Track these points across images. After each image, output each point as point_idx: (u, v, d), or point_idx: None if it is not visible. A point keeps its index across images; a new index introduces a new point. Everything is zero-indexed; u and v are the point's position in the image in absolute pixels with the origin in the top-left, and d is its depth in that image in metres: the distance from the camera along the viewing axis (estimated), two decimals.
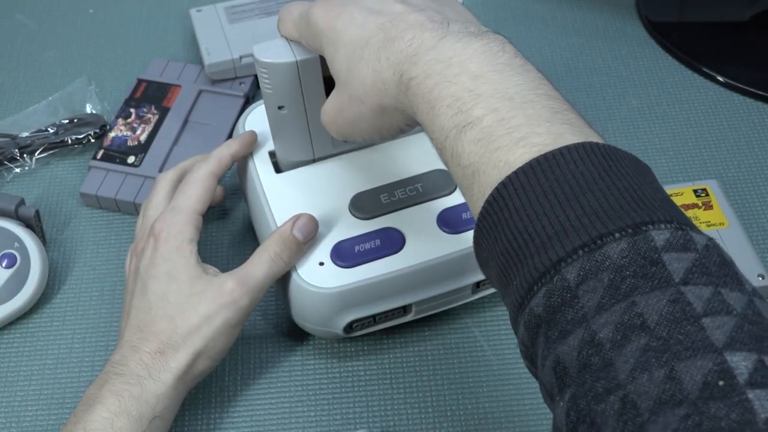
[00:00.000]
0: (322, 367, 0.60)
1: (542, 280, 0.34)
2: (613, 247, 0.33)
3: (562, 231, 0.34)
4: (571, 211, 0.34)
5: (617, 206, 0.34)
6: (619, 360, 0.32)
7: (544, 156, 0.36)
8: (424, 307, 0.57)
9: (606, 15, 0.82)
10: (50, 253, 0.66)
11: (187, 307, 0.53)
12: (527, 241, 0.35)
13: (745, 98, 0.75)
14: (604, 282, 0.33)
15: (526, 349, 0.37)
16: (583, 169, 0.35)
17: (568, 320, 0.34)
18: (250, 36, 0.75)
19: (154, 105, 0.73)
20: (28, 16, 0.84)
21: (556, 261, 0.34)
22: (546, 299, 0.34)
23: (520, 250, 0.36)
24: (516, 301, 0.36)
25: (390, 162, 0.59)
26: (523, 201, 0.36)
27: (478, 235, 0.39)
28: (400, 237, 0.56)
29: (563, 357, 0.34)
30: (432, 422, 0.57)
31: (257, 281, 0.54)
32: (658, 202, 0.35)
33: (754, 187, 0.69)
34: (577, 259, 0.34)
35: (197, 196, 0.56)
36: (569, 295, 0.34)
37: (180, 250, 0.54)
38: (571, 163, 0.35)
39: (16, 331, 0.62)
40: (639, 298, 0.32)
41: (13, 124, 0.73)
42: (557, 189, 0.35)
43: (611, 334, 0.32)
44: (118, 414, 0.50)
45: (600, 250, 0.33)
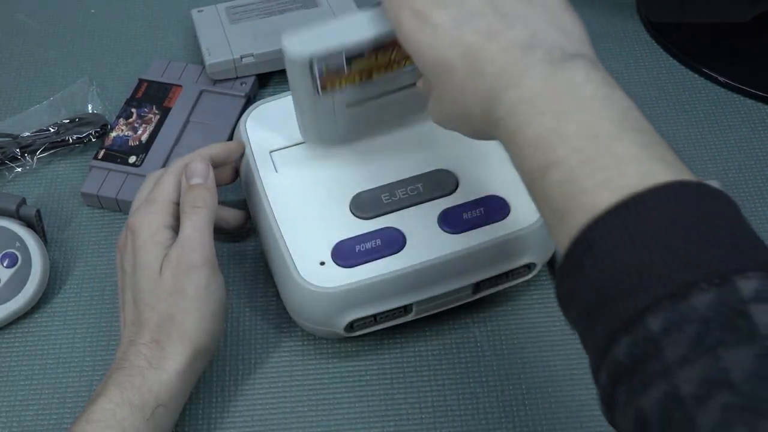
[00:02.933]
0: (322, 367, 0.60)
1: (626, 328, 0.33)
2: (700, 298, 0.32)
3: (647, 278, 0.33)
4: (658, 258, 0.33)
5: (705, 253, 0.33)
6: (701, 417, 0.31)
7: (632, 198, 0.35)
8: (425, 307, 0.57)
9: (606, 15, 0.82)
10: (51, 252, 0.66)
11: (159, 291, 0.53)
12: (611, 287, 0.34)
13: (746, 99, 0.75)
14: (689, 334, 0.32)
15: (606, 396, 0.36)
16: (672, 212, 0.34)
17: (651, 372, 0.33)
18: (251, 36, 0.75)
19: (155, 105, 0.73)
20: (30, 16, 0.84)
21: (641, 309, 0.33)
22: (629, 348, 0.33)
23: (604, 295, 0.35)
24: (599, 347, 0.35)
25: (391, 162, 0.59)
26: (608, 245, 0.35)
27: (561, 276, 0.38)
28: (401, 237, 0.56)
29: (645, 409, 0.33)
30: (432, 422, 0.57)
31: (191, 237, 0.54)
32: (749, 247, 0.34)
33: (754, 187, 0.69)
34: (662, 309, 0.33)
35: (172, 186, 0.57)
36: (653, 346, 0.33)
37: (154, 237, 0.54)
38: (659, 206, 0.34)
39: (17, 331, 0.62)
40: (724, 352, 0.31)
41: (15, 124, 0.73)
42: (643, 233, 0.34)
43: (694, 390, 0.31)
44: (120, 404, 0.50)
45: (686, 300, 0.32)
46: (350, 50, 0.50)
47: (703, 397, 0.31)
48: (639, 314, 0.33)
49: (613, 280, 0.34)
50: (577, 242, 0.36)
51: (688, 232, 0.34)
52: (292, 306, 0.57)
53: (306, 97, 0.54)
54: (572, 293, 0.37)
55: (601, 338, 0.35)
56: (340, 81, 0.53)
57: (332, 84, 0.53)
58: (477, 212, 0.56)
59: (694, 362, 0.32)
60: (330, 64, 0.50)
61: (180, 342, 0.52)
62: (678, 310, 0.32)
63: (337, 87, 0.53)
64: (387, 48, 0.51)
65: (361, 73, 0.53)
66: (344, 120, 0.57)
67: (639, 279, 0.34)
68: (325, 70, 0.51)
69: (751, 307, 0.32)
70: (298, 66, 0.50)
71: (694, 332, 0.32)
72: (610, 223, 0.35)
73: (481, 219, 0.56)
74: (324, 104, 0.55)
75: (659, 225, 0.34)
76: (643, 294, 0.33)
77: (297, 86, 0.53)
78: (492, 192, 0.57)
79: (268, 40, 0.75)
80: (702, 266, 0.33)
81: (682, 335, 0.32)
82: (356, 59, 0.51)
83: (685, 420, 0.31)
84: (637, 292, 0.33)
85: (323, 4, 0.78)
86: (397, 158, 0.59)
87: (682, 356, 0.32)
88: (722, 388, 0.31)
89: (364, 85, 0.54)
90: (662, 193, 0.35)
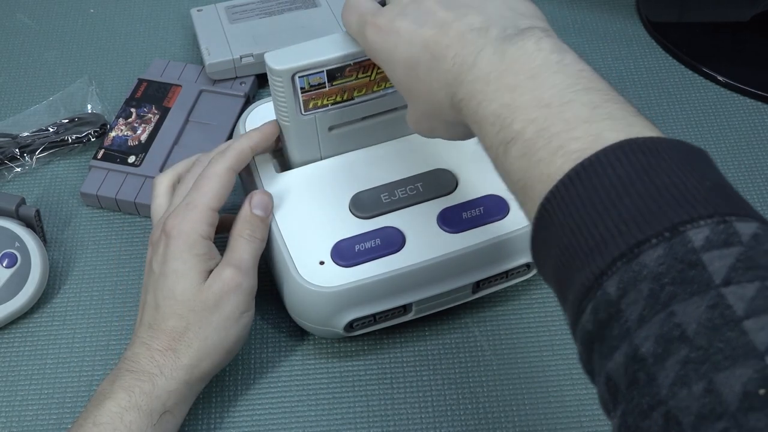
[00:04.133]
0: (322, 367, 0.60)
1: (588, 295, 0.33)
2: (650, 254, 0.32)
3: (602, 242, 0.33)
4: (609, 220, 0.33)
5: (655, 208, 0.33)
6: (661, 374, 0.31)
7: (581, 164, 0.35)
8: (424, 306, 0.57)
9: (606, 15, 0.82)
10: (51, 252, 0.66)
11: (196, 303, 0.53)
12: (573, 257, 0.34)
13: (745, 98, 0.75)
14: (643, 293, 0.32)
15: (585, 365, 0.36)
16: (621, 171, 0.34)
17: (614, 335, 0.33)
18: (250, 36, 0.75)
19: (154, 105, 0.73)
20: (29, 16, 0.84)
21: (597, 274, 0.33)
22: (593, 315, 0.33)
23: (568, 265, 0.35)
24: (571, 318, 0.35)
25: (390, 161, 0.59)
26: (565, 214, 0.35)
27: (534, 253, 0.38)
28: (401, 236, 0.56)
29: (613, 373, 0.33)
30: (432, 422, 0.57)
31: (247, 262, 0.55)
32: (701, 195, 0.33)
33: (754, 187, 0.69)
34: (616, 271, 0.32)
35: (213, 192, 0.55)
36: (613, 309, 0.33)
37: (192, 248, 0.53)
38: (608, 167, 0.34)
39: (16, 331, 0.62)
40: (677, 306, 0.31)
41: (14, 124, 0.73)
42: (595, 198, 0.34)
43: (652, 348, 0.31)
44: (128, 408, 0.50)
45: (637, 259, 0.32)
46: (331, 66, 0.53)
47: (661, 355, 0.31)
48: (597, 279, 0.33)
49: (573, 249, 0.34)
50: (539, 216, 0.36)
51: (637, 190, 0.33)
52: (292, 305, 0.57)
53: (290, 117, 0.56)
54: (545, 269, 0.37)
55: (571, 308, 0.35)
56: (322, 99, 0.55)
57: (315, 103, 0.55)
58: (476, 211, 0.56)
59: (650, 320, 0.31)
60: (312, 80, 0.53)
61: (198, 356, 0.52)
62: (631, 269, 0.32)
63: (319, 106, 0.56)
64: (367, 67, 0.54)
65: (342, 92, 0.55)
66: (327, 143, 0.59)
67: (594, 244, 0.33)
68: (307, 85, 0.54)
69: (703, 256, 0.31)
70: (281, 80, 0.53)
71: (647, 290, 0.31)
72: (564, 191, 0.35)
73: (480, 218, 0.56)
74: (307, 125, 0.57)
75: (610, 187, 0.34)
76: (599, 258, 0.33)
77: (281, 105, 0.55)
78: (491, 191, 0.57)
79: (268, 40, 0.75)
80: (652, 222, 0.32)
81: (637, 294, 0.32)
82: (337, 77, 0.54)
83: (648, 379, 0.31)
84: (594, 256, 0.33)
85: (323, 4, 0.78)
86: (396, 158, 0.59)
87: (639, 316, 0.32)
88: (679, 343, 0.30)
89: (345, 107, 0.56)
90: (610, 153, 0.34)
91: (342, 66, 0.54)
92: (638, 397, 0.31)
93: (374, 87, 0.56)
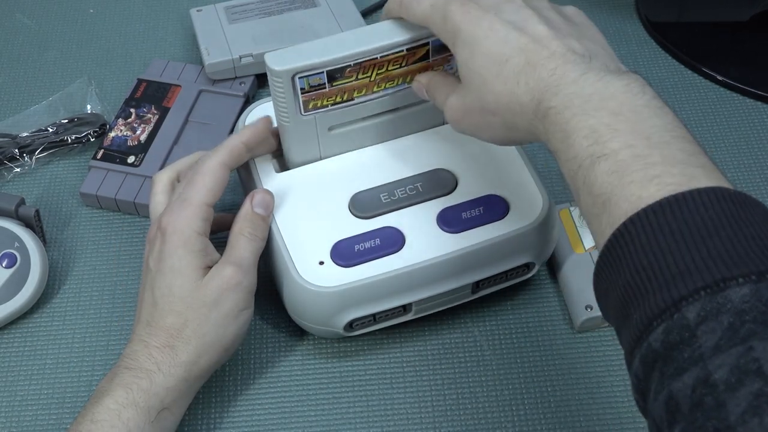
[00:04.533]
0: (322, 367, 0.60)
1: (662, 316, 0.35)
2: (736, 292, 0.34)
3: (686, 270, 0.35)
4: (696, 253, 0.35)
5: (743, 252, 0.35)
6: (731, 402, 0.32)
7: (676, 196, 0.37)
8: (424, 306, 0.57)
9: (606, 15, 0.82)
10: (50, 252, 0.66)
11: (194, 300, 0.53)
12: (650, 278, 0.36)
13: (745, 98, 0.75)
14: (723, 324, 0.34)
15: (639, 383, 0.38)
16: (712, 213, 0.36)
17: (684, 358, 0.34)
18: (250, 36, 0.75)
19: (154, 105, 0.73)
20: (29, 16, 0.84)
21: (677, 299, 0.35)
22: (665, 335, 0.35)
23: (642, 285, 0.37)
24: (634, 335, 0.37)
25: (390, 161, 0.59)
26: (650, 237, 0.37)
27: (601, 265, 0.40)
28: (400, 236, 0.56)
29: (676, 393, 0.34)
30: (432, 422, 0.57)
31: (248, 260, 0.55)
32: None
33: (754, 187, 0.69)
34: (698, 299, 0.34)
35: (207, 188, 0.55)
36: (688, 333, 0.34)
37: (187, 244, 0.54)
38: (701, 206, 0.36)
39: (16, 331, 0.62)
40: (757, 343, 0.33)
41: (14, 125, 0.73)
42: (685, 229, 0.36)
43: (726, 376, 0.33)
44: (125, 405, 0.50)
45: (722, 293, 0.34)
46: (331, 66, 0.53)
47: (734, 384, 0.32)
48: (676, 303, 0.35)
49: (652, 271, 0.36)
50: (619, 233, 0.38)
51: (727, 233, 0.36)
52: (292, 305, 0.57)
53: (289, 118, 0.56)
54: (611, 282, 0.39)
55: (637, 325, 0.37)
56: (322, 100, 0.55)
57: (314, 103, 0.55)
58: (476, 211, 0.56)
59: (727, 351, 0.33)
60: (312, 80, 0.53)
61: (196, 352, 0.52)
62: (715, 301, 0.34)
63: (319, 106, 0.55)
64: (367, 68, 0.54)
65: (342, 93, 0.55)
66: (327, 143, 0.59)
67: (677, 271, 0.35)
68: (307, 86, 0.54)
69: None
70: (281, 80, 0.53)
71: (728, 322, 0.34)
72: (652, 216, 0.37)
73: (480, 218, 0.56)
74: (307, 125, 0.57)
75: (701, 223, 0.36)
76: (681, 284, 0.35)
77: (280, 105, 0.55)
78: (491, 191, 0.57)
79: (267, 40, 0.75)
80: (739, 263, 0.35)
81: (716, 324, 0.34)
82: (337, 78, 0.54)
83: (716, 404, 0.33)
84: (675, 282, 0.35)
85: (322, 4, 0.78)
86: (396, 158, 0.59)
87: (715, 344, 0.34)
88: (754, 377, 0.32)
89: (345, 107, 0.56)
90: (705, 195, 0.37)
91: (342, 67, 0.53)
92: (702, 420, 0.33)
93: (374, 88, 0.56)
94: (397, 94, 0.57)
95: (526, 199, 0.57)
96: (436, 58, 0.55)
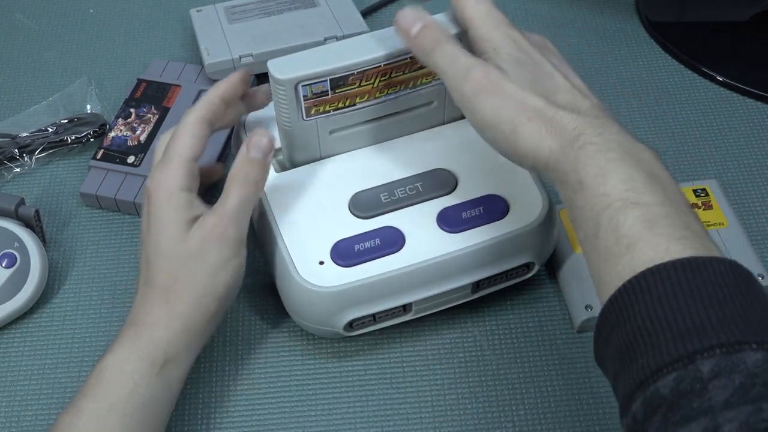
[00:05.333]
0: (322, 367, 0.60)
1: (675, 365, 0.37)
2: (750, 355, 0.36)
3: (701, 327, 0.38)
4: (713, 314, 0.38)
5: (755, 322, 0.38)
6: None
7: (699, 259, 0.40)
8: (424, 306, 0.57)
9: (606, 15, 0.82)
10: (50, 252, 0.66)
11: (180, 254, 0.53)
12: (664, 328, 0.38)
13: (745, 98, 0.75)
14: (735, 383, 0.36)
15: (635, 425, 0.39)
16: (729, 281, 0.39)
17: (693, 407, 0.36)
18: (249, 36, 0.75)
19: (154, 105, 0.73)
20: (28, 16, 0.84)
21: (692, 352, 0.37)
22: (676, 383, 0.37)
23: (655, 332, 0.39)
24: (638, 378, 0.38)
25: (390, 161, 0.59)
26: (670, 290, 0.39)
27: (614, 304, 0.41)
28: (400, 236, 0.56)
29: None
30: (432, 422, 0.57)
31: (233, 208, 0.54)
32: None
33: (753, 187, 0.69)
34: (714, 355, 0.37)
35: (186, 144, 0.55)
36: (699, 385, 0.36)
37: (170, 200, 0.53)
38: (720, 273, 0.39)
39: (16, 331, 0.62)
40: (766, 405, 0.35)
41: (13, 125, 0.73)
42: (704, 290, 0.39)
43: (735, 431, 0.35)
44: (129, 357, 0.51)
45: (737, 354, 0.36)
46: (335, 75, 0.53)
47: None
48: (690, 355, 0.37)
49: (667, 321, 0.38)
50: (644, 276, 0.40)
51: (741, 302, 0.39)
52: (292, 305, 0.57)
53: (291, 123, 0.56)
54: (621, 322, 0.40)
55: (643, 369, 0.38)
56: (324, 106, 0.55)
57: (317, 109, 0.55)
58: (476, 211, 0.56)
59: (737, 407, 0.35)
60: (315, 88, 0.54)
61: (191, 304, 0.53)
62: (729, 360, 0.36)
63: (321, 112, 0.56)
64: (370, 75, 0.54)
65: (344, 99, 0.55)
66: (327, 144, 0.59)
67: (693, 326, 0.38)
68: (310, 93, 0.54)
69: None
70: (283, 88, 0.53)
71: (740, 382, 0.36)
72: (675, 271, 0.39)
73: (480, 218, 0.56)
74: (308, 129, 0.57)
75: (718, 288, 0.39)
76: (696, 339, 0.37)
77: (282, 111, 0.55)
78: (491, 191, 0.57)
79: (267, 40, 0.75)
80: (754, 331, 0.38)
81: (729, 382, 0.36)
82: (340, 85, 0.54)
83: None
84: (691, 336, 0.38)
85: (322, 4, 0.78)
86: (396, 157, 0.59)
87: (726, 400, 0.36)
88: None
89: (347, 112, 0.57)
90: (721, 264, 0.40)
91: (345, 75, 0.54)
92: None
93: (377, 94, 0.56)
94: (400, 98, 0.57)
95: (526, 199, 0.57)
96: None
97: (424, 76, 0.57)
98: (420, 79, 0.57)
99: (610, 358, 0.41)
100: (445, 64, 0.49)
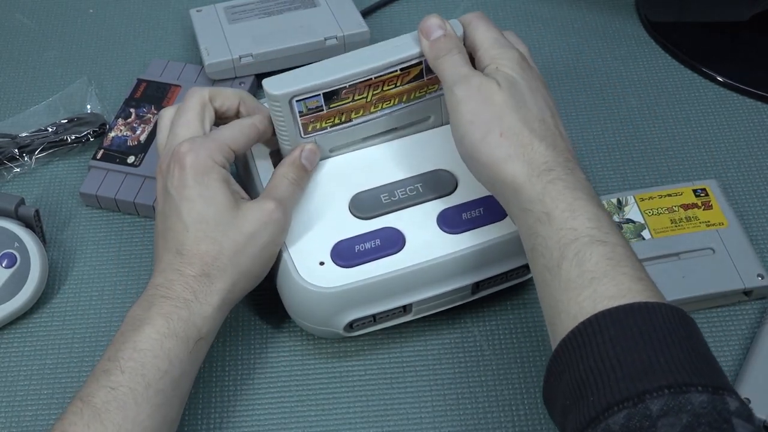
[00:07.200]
0: (322, 367, 0.60)
1: (625, 403, 0.40)
2: (696, 397, 0.39)
3: (651, 369, 0.41)
4: (662, 356, 0.41)
5: (699, 366, 0.41)
6: None
7: (650, 304, 0.43)
8: (424, 306, 0.57)
9: (606, 15, 0.82)
10: (50, 252, 0.66)
11: (231, 228, 0.53)
12: (616, 367, 0.41)
13: (745, 98, 0.75)
14: (682, 421, 0.38)
15: None
16: (675, 326, 0.43)
17: None
18: (249, 36, 0.75)
19: (154, 105, 0.73)
20: (29, 16, 0.84)
21: (642, 391, 0.40)
22: (626, 420, 0.39)
23: (606, 372, 0.41)
24: (589, 415, 0.41)
25: (390, 162, 0.59)
26: (622, 332, 0.42)
27: (567, 342, 0.44)
28: (401, 237, 0.56)
29: None
30: (432, 422, 0.57)
31: (288, 200, 0.56)
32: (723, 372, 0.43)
33: (753, 186, 0.69)
34: (662, 395, 0.39)
35: (233, 136, 0.56)
36: (648, 423, 0.39)
37: (211, 172, 0.53)
38: (667, 319, 0.43)
39: (16, 331, 0.62)
40: None
41: (13, 124, 0.73)
42: (653, 334, 0.42)
43: None
44: (167, 335, 0.51)
45: (684, 395, 0.39)
46: (327, 89, 0.55)
47: None
48: (640, 395, 0.40)
49: (618, 360, 0.41)
50: (593, 319, 0.43)
51: (686, 347, 0.42)
52: (292, 306, 0.57)
53: (290, 141, 0.57)
54: (574, 361, 0.43)
55: (594, 406, 0.41)
56: (320, 122, 0.57)
57: (314, 126, 0.57)
58: (476, 212, 0.56)
59: None
60: (309, 103, 0.55)
61: (231, 280, 0.53)
62: (677, 400, 0.39)
63: (318, 129, 0.57)
64: (363, 89, 0.56)
65: (340, 114, 0.57)
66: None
67: (642, 367, 0.41)
68: (305, 108, 0.55)
69: (734, 419, 0.39)
70: (279, 104, 0.55)
71: (687, 421, 0.38)
72: (626, 315, 0.43)
73: (480, 219, 0.56)
74: None
75: (667, 333, 0.42)
76: (647, 380, 0.40)
77: (281, 129, 0.57)
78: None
79: (267, 40, 0.75)
80: (699, 375, 0.41)
81: (677, 420, 0.39)
82: (334, 99, 0.55)
83: None
84: (641, 377, 0.40)
85: (322, 4, 0.78)
86: (396, 158, 0.60)
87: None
88: None
89: (344, 128, 0.58)
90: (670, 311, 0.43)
91: (338, 88, 0.55)
92: None
93: (371, 108, 0.57)
94: (395, 114, 0.58)
95: None
96: (431, 76, 0.57)
97: (417, 89, 0.57)
98: (413, 92, 0.57)
99: (561, 393, 0.44)
100: (448, 68, 0.53)
